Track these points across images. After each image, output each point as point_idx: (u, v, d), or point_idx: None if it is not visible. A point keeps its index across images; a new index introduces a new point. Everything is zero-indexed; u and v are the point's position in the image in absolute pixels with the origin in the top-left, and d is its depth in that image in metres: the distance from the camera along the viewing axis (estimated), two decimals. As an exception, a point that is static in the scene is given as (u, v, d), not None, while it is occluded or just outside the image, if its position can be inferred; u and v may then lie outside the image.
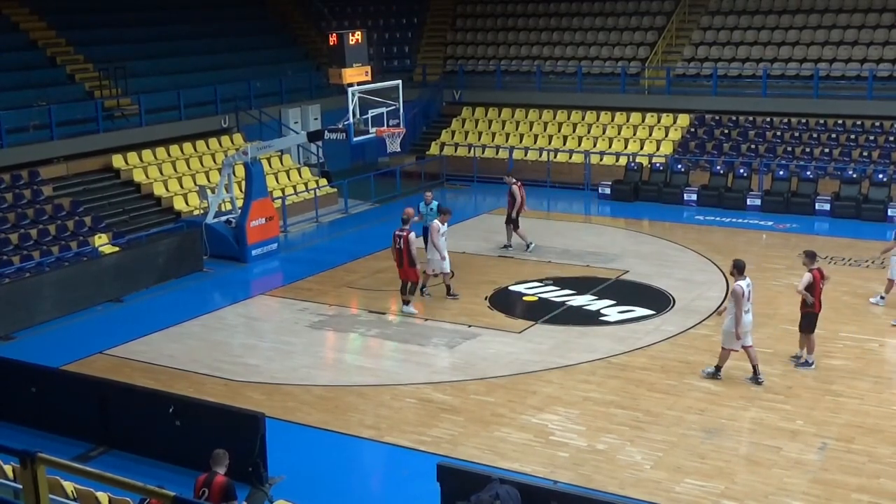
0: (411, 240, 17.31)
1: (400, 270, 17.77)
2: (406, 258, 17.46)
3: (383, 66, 32.64)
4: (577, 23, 33.81)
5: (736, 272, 14.18)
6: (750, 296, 14.10)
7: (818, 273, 14.66)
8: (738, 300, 13.92)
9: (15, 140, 23.23)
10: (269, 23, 34.79)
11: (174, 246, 20.92)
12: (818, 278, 14.62)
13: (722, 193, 25.79)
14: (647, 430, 12.95)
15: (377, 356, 16.45)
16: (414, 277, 17.70)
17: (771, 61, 29.46)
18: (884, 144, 26.37)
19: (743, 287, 13.96)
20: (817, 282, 14.59)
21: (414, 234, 17.46)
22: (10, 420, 13.54)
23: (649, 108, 29.97)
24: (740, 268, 14.15)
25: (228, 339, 17.23)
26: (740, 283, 14.00)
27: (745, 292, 13.94)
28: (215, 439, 11.16)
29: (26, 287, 18.25)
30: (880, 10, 29.18)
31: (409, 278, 17.67)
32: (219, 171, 24.29)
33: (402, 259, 17.56)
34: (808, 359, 14.88)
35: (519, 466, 11.96)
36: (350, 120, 20.57)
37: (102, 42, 27.91)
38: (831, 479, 11.50)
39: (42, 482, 5.36)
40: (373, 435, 13.15)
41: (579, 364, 15.34)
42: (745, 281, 14.06)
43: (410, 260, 17.41)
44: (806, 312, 14.72)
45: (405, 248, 17.38)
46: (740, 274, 14.10)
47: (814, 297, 14.57)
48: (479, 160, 29.79)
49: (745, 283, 14.06)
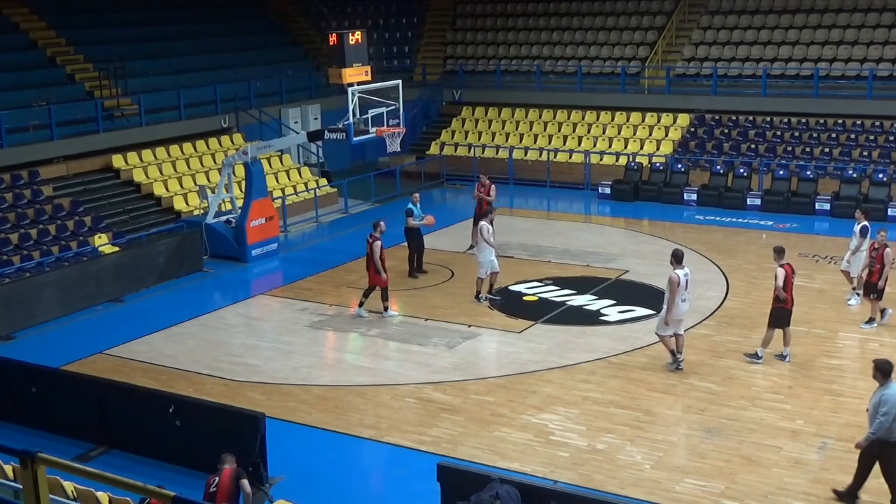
0: (375, 249, 17.30)
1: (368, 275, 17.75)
2: (371, 265, 17.45)
3: (383, 66, 32.66)
4: (577, 23, 33.81)
5: (674, 261, 14.61)
6: (687, 285, 14.52)
7: (789, 268, 14.76)
8: (672, 288, 14.34)
9: (15, 140, 23.24)
10: (269, 23, 34.78)
11: (174, 246, 20.93)
12: (790, 273, 14.71)
13: (722, 193, 25.79)
14: (647, 430, 12.95)
15: (377, 356, 16.45)
16: (381, 283, 17.60)
17: (771, 61, 29.45)
18: (884, 144, 26.37)
19: (679, 276, 14.36)
20: (789, 276, 14.70)
21: (380, 244, 17.43)
22: (10, 420, 13.55)
23: (649, 108, 29.97)
24: (678, 257, 14.62)
25: (228, 339, 17.23)
26: (677, 272, 14.43)
27: (680, 281, 14.31)
28: (215, 439, 11.19)
29: (26, 287, 18.25)
30: (880, 10, 29.18)
31: (376, 283, 17.63)
32: (219, 171, 24.30)
33: (368, 265, 17.58)
34: (759, 352, 15.06)
35: (519, 466, 11.97)
36: (350, 120, 20.57)
37: (102, 42, 27.90)
38: (831, 478, 11.50)
39: (42, 482, 5.36)
40: (373, 435, 13.16)
41: (579, 364, 15.34)
42: (682, 270, 14.49)
43: (376, 267, 17.39)
44: (778, 307, 14.85)
45: (370, 255, 17.40)
46: (678, 263, 14.54)
47: (786, 293, 14.67)
48: (479, 160, 29.78)
49: (683, 272, 14.48)
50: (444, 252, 21.84)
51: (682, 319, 14.73)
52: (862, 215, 17.69)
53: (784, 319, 14.88)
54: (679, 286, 14.35)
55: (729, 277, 19.58)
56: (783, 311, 14.82)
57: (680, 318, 14.65)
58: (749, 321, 16.89)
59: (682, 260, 14.63)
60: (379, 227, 17.67)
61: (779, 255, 14.87)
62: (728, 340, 16.07)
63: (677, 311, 14.49)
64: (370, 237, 17.50)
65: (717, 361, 15.19)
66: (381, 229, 17.64)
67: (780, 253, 14.89)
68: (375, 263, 17.32)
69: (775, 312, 14.88)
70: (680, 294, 14.38)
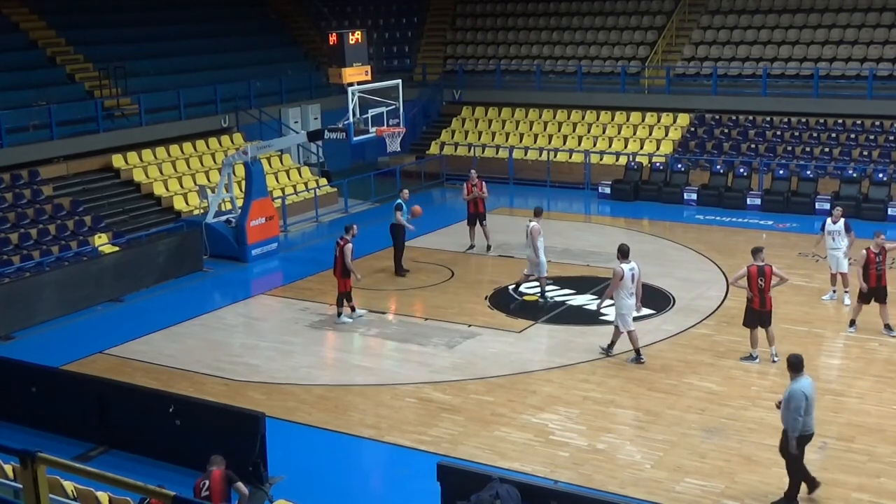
0: (346, 251, 17.22)
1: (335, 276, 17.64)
2: (339, 267, 17.36)
3: (383, 66, 32.65)
4: (577, 22, 33.80)
5: (620, 256, 15.03)
6: (633, 279, 14.77)
7: (755, 269, 14.77)
8: (615, 282, 14.84)
9: (15, 140, 23.24)
10: (269, 23, 34.78)
11: (174, 246, 20.93)
12: (754, 273, 14.74)
13: (722, 193, 25.79)
14: (647, 430, 12.95)
15: (377, 356, 16.46)
16: (342, 287, 17.47)
17: (771, 61, 29.45)
18: (884, 144, 26.36)
19: (624, 270, 14.75)
20: (753, 276, 14.73)
21: (351, 247, 17.35)
22: (10, 420, 13.55)
23: (649, 108, 29.96)
24: (624, 252, 15.01)
25: (228, 338, 17.23)
26: (622, 266, 14.81)
27: (625, 275, 14.69)
28: (215, 439, 11.19)
29: (26, 287, 18.25)
30: (880, 10, 29.17)
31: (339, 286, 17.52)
32: (219, 171, 24.29)
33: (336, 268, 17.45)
34: (752, 353, 15.12)
35: (519, 466, 11.97)
36: (350, 119, 20.58)
37: (102, 42, 27.90)
38: (831, 478, 11.50)
39: (42, 482, 5.36)
40: (373, 435, 13.16)
41: (579, 363, 15.34)
42: (628, 265, 14.85)
43: (343, 270, 17.30)
44: (746, 306, 15.04)
45: (340, 257, 17.32)
46: (624, 258, 14.91)
47: (752, 292, 14.76)
48: (479, 160, 29.77)
49: (629, 266, 14.84)
50: (445, 252, 21.84)
51: (630, 314, 14.96)
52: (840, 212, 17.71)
53: (750, 319, 15.00)
54: (623, 280, 14.68)
55: (729, 277, 19.55)
56: (749, 310, 14.99)
57: (623, 313, 14.92)
58: (749, 321, 16.89)
59: (627, 255, 14.97)
60: (351, 231, 17.62)
61: (753, 255, 15.01)
62: (728, 340, 16.06)
63: (624, 305, 14.81)
64: (341, 240, 17.41)
65: (717, 361, 15.19)
66: (353, 232, 17.59)
67: (755, 253, 15.02)
68: (347, 266, 17.19)
69: (745, 311, 15.10)
70: (626, 288, 14.73)
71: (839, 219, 17.53)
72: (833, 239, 17.48)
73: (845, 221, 17.52)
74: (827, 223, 17.70)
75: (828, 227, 17.60)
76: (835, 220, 17.55)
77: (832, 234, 17.48)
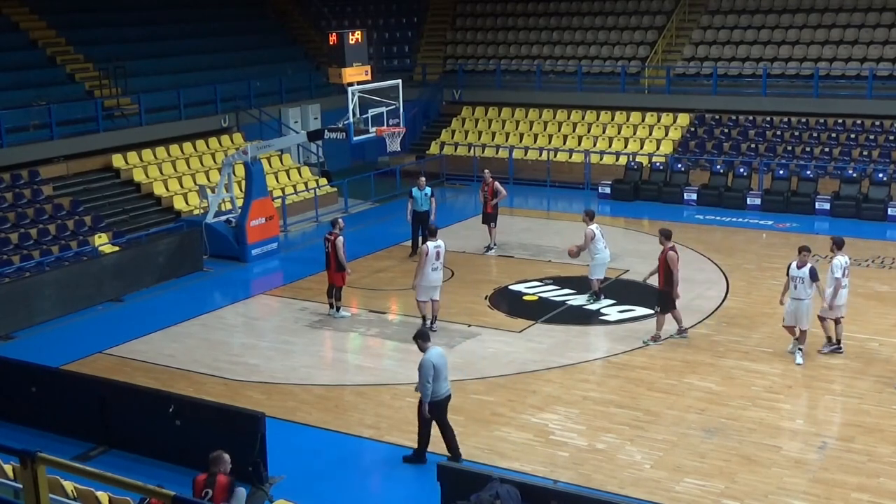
0: (338, 245, 17.37)
1: (328, 273, 17.79)
2: (333, 262, 17.50)
3: (383, 66, 32.66)
4: (577, 22, 33.81)
5: (429, 234, 16.59)
6: (439, 256, 16.25)
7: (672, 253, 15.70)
8: (421, 259, 16.31)
9: (15, 140, 23.23)
10: (268, 22, 34.77)
11: (174, 245, 20.92)
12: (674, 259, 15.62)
13: (722, 193, 25.79)
14: (647, 430, 12.95)
15: (377, 356, 16.46)
16: (339, 282, 17.70)
17: (771, 61, 29.46)
18: (884, 144, 26.36)
19: (430, 247, 16.18)
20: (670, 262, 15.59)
21: (342, 240, 17.48)
22: (10, 420, 13.54)
23: (649, 108, 29.97)
24: (432, 231, 16.60)
25: (228, 338, 17.23)
26: (428, 244, 16.25)
27: (430, 251, 16.15)
28: (215, 439, 11.17)
29: (26, 287, 18.25)
30: (880, 10, 29.18)
31: (334, 283, 17.71)
32: (219, 171, 24.29)
33: (329, 262, 17.61)
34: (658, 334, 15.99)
35: (519, 466, 11.97)
36: (350, 119, 20.57)
37: (102, 42, 27.89)
38: (831, 478, 11.50)
39: (42, 482, 5.37)
40: (373, 434, 13.16)
41: (579, 363, 15.35)
42: (434, 243, 16.26)
43: (338, 264, 17.45)
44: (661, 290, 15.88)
45: (332, 252, 17.44)
46: (432, 236, 16.42)
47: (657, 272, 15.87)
48: (479, 159, 29.77)
49: (434, 244, 16.23)
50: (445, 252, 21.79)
51: (436, 287, 16.44)
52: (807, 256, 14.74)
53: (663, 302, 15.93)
54: (429, 256, 16.11)
55: (729, 277, 19.58)
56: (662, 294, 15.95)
57: (433, 286, 16.38)
58: (749, 321, 16.91)
59: (435, 234, 16.50)
60: (338, 225, 17.79)
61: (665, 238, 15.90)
62: (728, 340, 16.07)
63: (428, 279, 16.21)
64: (330, 234, 17.57)
65: (717, 361, 15.19)
66: (339, 226, 17.75)
67: (667, 236, 15.93)
68: (340, 260, 17.37)
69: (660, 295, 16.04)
70: (430, 263, 16.15)
71: (805, 264, 14.65)
72: (795, 287, 14.67)
73: (811, 268, 14.67)
74: (791, 267, 14.84)
75: (791, 271, 14.80)
76: (799, 265, 14.69)
77: (794, 281, 14.67)
